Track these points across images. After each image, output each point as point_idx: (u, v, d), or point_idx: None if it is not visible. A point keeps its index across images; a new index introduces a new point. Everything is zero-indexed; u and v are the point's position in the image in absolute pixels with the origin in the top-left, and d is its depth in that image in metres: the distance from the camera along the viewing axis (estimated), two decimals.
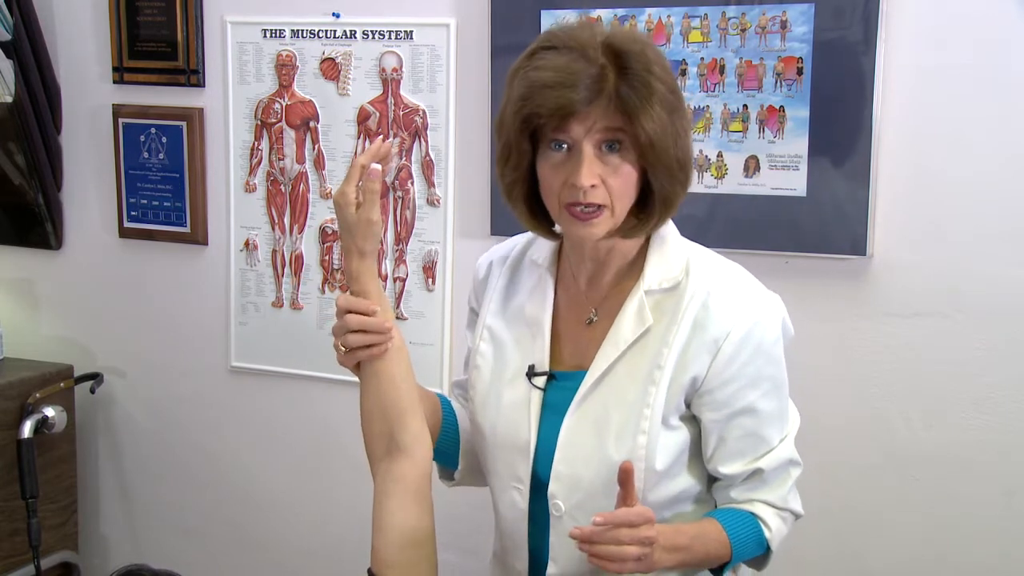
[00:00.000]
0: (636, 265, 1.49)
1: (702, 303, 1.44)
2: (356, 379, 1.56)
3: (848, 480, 2.11)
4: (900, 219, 2.03)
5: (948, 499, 2.08)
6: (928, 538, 2.10)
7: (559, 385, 1.51)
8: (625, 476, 1.33)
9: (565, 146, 1.37)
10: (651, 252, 1.48)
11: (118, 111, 2.69)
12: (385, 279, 2.46)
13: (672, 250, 1.49)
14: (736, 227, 2.10)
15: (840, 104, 2.02)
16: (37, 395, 2.60)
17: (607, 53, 1.34)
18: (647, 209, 1.42)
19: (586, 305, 1.52)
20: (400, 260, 2.46)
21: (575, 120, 1.35)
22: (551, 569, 1.51)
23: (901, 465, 2.10)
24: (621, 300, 1.48)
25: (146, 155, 2.68)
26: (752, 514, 1.49)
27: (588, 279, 1.52)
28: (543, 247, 1.56)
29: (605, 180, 1.37)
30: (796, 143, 2.05)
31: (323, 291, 2.55)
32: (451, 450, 1.66)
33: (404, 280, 2.46)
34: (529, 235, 1.59)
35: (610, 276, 1.50)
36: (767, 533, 1.49)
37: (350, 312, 1.48)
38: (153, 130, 2.67)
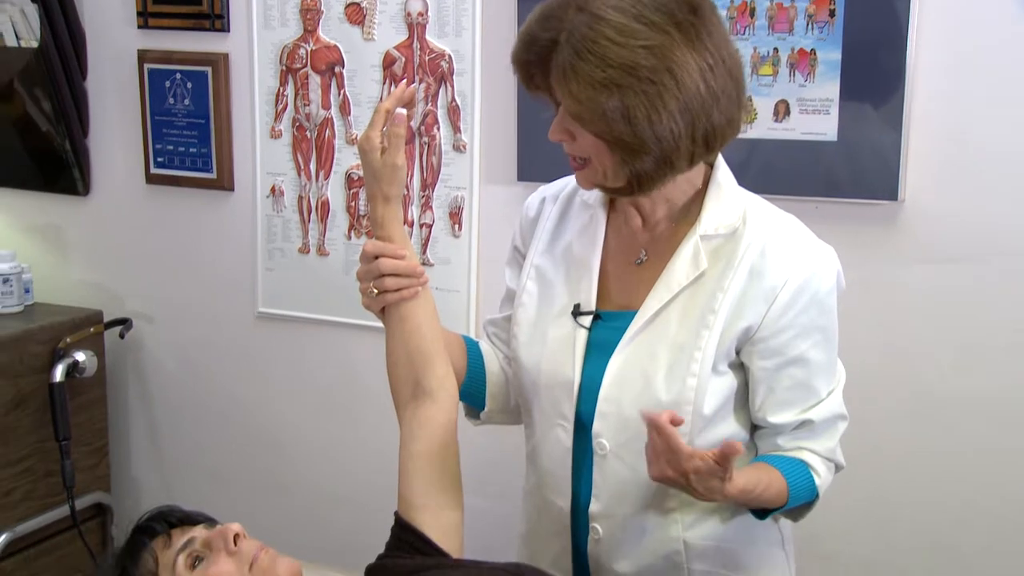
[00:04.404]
0: (691, 210, 1.49)
1: (760, 251, 1.44)
2: (382, 325, 1.57)
3: (877, 426, 2.10)
4: (933, 164, 2.00)
5: (978, 445, 2.07)
6: (957, 484, 2.09)
7: (605, 325, 1.51)
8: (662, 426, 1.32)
9: None
10: (708, 198, 1.48)
11: (143, 56, 2.68)
12: (411, 225, 2.45)
13: (729, 197, 1.48)
14: (765, 172, 2.08)
15: (873, 47, 1.98)
16: (68, 340, 2.62)
17: (571, 22, 1.33)
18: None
19: (636, 246, 1.52)
20: (426, 206, 2.45)
21: (552, 79, 1.36)
22: (594, 506, 1.53)
23: (931, 411, 2.09)
24: (674, 243, 1.48)
25: (171, 101, 2.67)
26: (803, 462, 1.49)
27: (641, 220, 1.52)
28: None
29: (577, 139, 1.39)
30: (827, 87, 2.02)
31: (349, 237, 2.55)
32: (478, 392, 1.67)
33: (430, 226, 2.46)
34: None
35: (662, 218, 1.50)
36: (817, 480, 1.50)
37: (380, 257, 1.49)
38: (178, 76, 2.66)
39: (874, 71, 1.99)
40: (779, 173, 2.08)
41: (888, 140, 1.99)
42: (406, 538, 1.48)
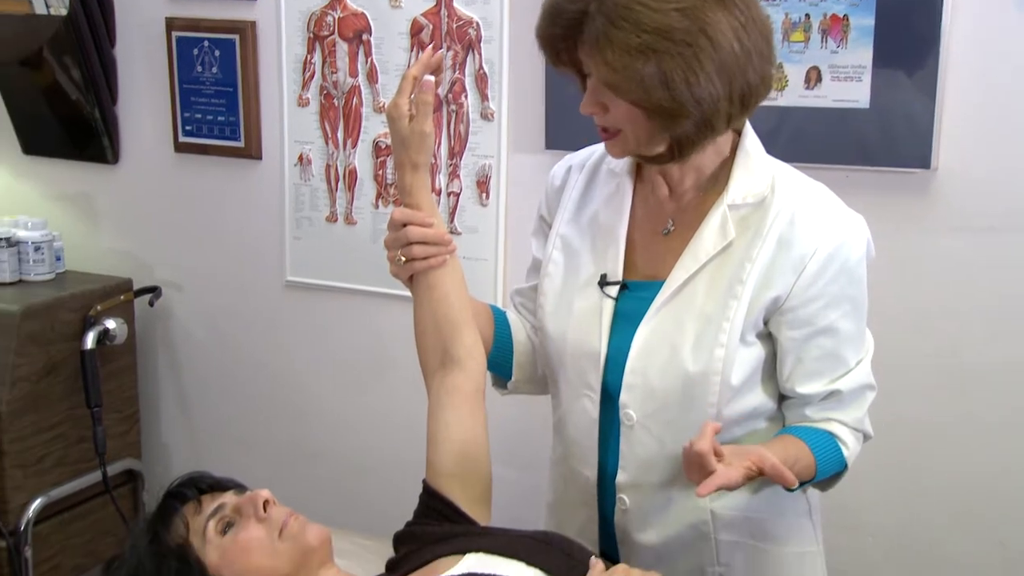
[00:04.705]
0: (719, 179, 1.48)
1: (788, 220, 1.42)
2: (410, 293, 1.57)
3: (908, 397, 2.09)
4: (967, 131, 1.97)
5: (1010, 416, 2.05)
6: (988, 454, 2.08)
7: (632, 295, 1.50)
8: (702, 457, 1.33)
9: None
10: (736, 167, 1.46)
11: (171, 24, 2.68)
12: (438, 194, 2.45)
13: (757, 166, 1.47)
14: (796, 141, 2.06)
15: (907, 12, 1.95)
16: (98, 307, 2.64)
17: None
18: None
19: (663, 215, 1.51)
20: (454, 175, 2.44)
21: (579, 51, 1.35)
22: (621, 476, 1.53)
23: (963, 382, 2.07)
24: (702, 212, 1.47)
25: (199, 69, 2.67)
26: (831, 433, 1.49)
27: (668, 190, 1.50)
28: None
29: (610, 110, 1.38)
30: (860, 53, 1.99)
31: (377, 206, 2.55)
32: (505, 361, 1.67)
33: (458, 195, 2.45)
34: None
35: (689, 187, 1.49)
36: (845, 452, 1.49)
37: (407, 224, 1.48)
38: (206, 43, 2.66)
39: (908, 37, 1.96)
40: (810, 141, 2.05)
41: (921, 107, 1.96)
42: (434, 505, 1.49)
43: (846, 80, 2.01)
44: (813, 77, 2.04)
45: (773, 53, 1.39)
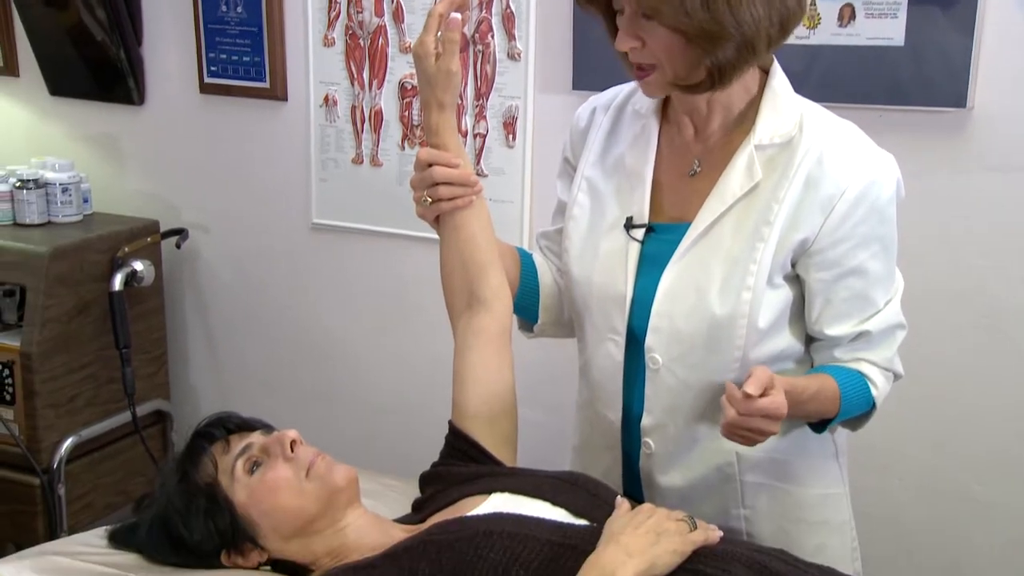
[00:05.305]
0: (746, 118, 1.45)
1: (816, 160, 1.40)
2: (436, 236, 1.56)
3: (941, 339, 2.07)
4: (1004, 70, 1.93)
5: None
6: (1022, 394, 2.06)
7: (658, 237, 1.49)
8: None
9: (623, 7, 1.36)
10: (763, 106, 1.44)
11: None
12: (465, 135, 2.43)
13: (785, 105, 1.44)
14: (828, 80, 2.02)
15: None
16: (126, 249, 2.65)
17: None
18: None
19: (689, 156, 1.49)
20: (480, 116, 2.42)
21: None
22: (646, 420, 1.52)
23: (998, 324, 2.05)
24: (729, 153, 1.45)
25: (224, 9, 2.65)
26: (859, 372, 1.48)
27: (694, 130, 1.48)
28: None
29: (646, 43, 1.35)
30: None
31: (403, 148, 2.53)
32: (531, 304, 1.66)
33: (484, 136, 2.43)
34: (632, 84, 1.55)
35: (716, 128, 1.47)
36: (874, 391, 1.48)
37: (434, 164, 1.47)
38: None
39: None
40: (842, 80, 2.02)
41: (958, 45, 1.92)
42: (460, 446, 1.50)
43: (881, 17, 1.97)
44: (847, 14, 2.00)
45: None
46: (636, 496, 1.58)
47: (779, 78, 1.46)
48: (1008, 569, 2.13)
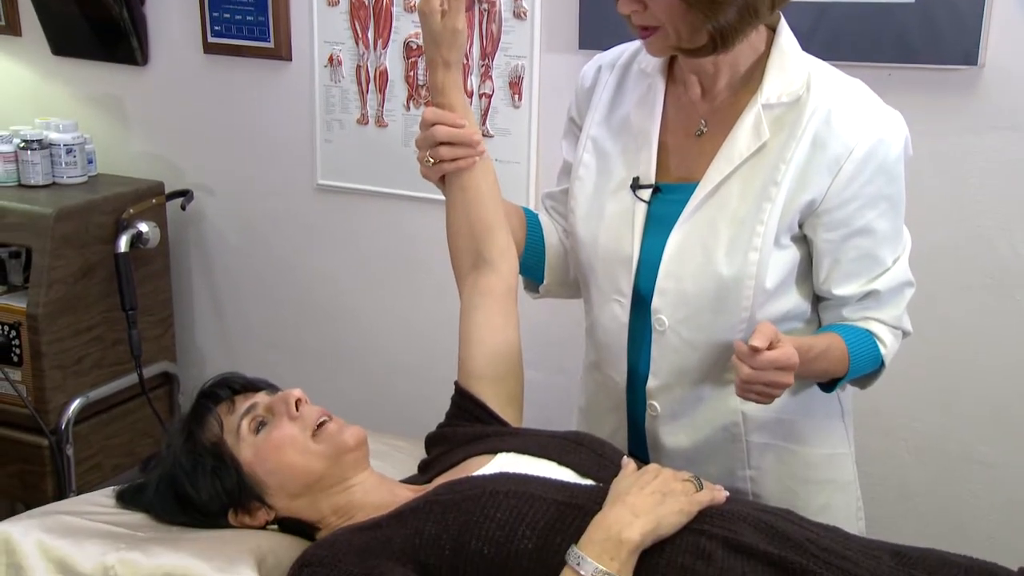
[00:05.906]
0: (753, 77, 1.44)
1: (824, 119, 1.39)
2: (442, 197, 1.56)
3: (949, 300, 2.06)
4: (1017, 26, 1.91)
5: None
6: None
7: (664, 198, 1.48)
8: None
9: None
10: (770, 65, 1.42)
11: None
12: (471, 95, 2.41)
13: (793, 64, 1.43)
14: (836, 38, 2.00)
15: None
16: (131, 210, 2.64)
17: None
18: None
19: (696, 116, 1.48)
20: (486, 75, 2.40)
21: None
22: (651, 382, 1.52)
23: (1006, 285, 2.04)
24: (735, 113, 1.44)
25: None
26: (868, 331, 1.47)
27: (701, 90, 1.47)
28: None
29: (648, 5, 1.34)
30: None
31: (408, 108, 2.52)
32: (537, 264, 1.66)
33: (490, 96, 2.41)
34: (637, 43, 1.54)
35: (723, 87, 1.46)
36: (882, 350, 1.48)
37: (437, 124, 1.46)
38: None
39: None
40: (850, 38, 2.00)
41: (969, 1, 1.89)
42: (466, 406, 1.50)
43: None
44: None
45: None
46: (642, 457, 1.59)
47: (786, 36, 1.44)
48: (1012, 529, 2.13)
